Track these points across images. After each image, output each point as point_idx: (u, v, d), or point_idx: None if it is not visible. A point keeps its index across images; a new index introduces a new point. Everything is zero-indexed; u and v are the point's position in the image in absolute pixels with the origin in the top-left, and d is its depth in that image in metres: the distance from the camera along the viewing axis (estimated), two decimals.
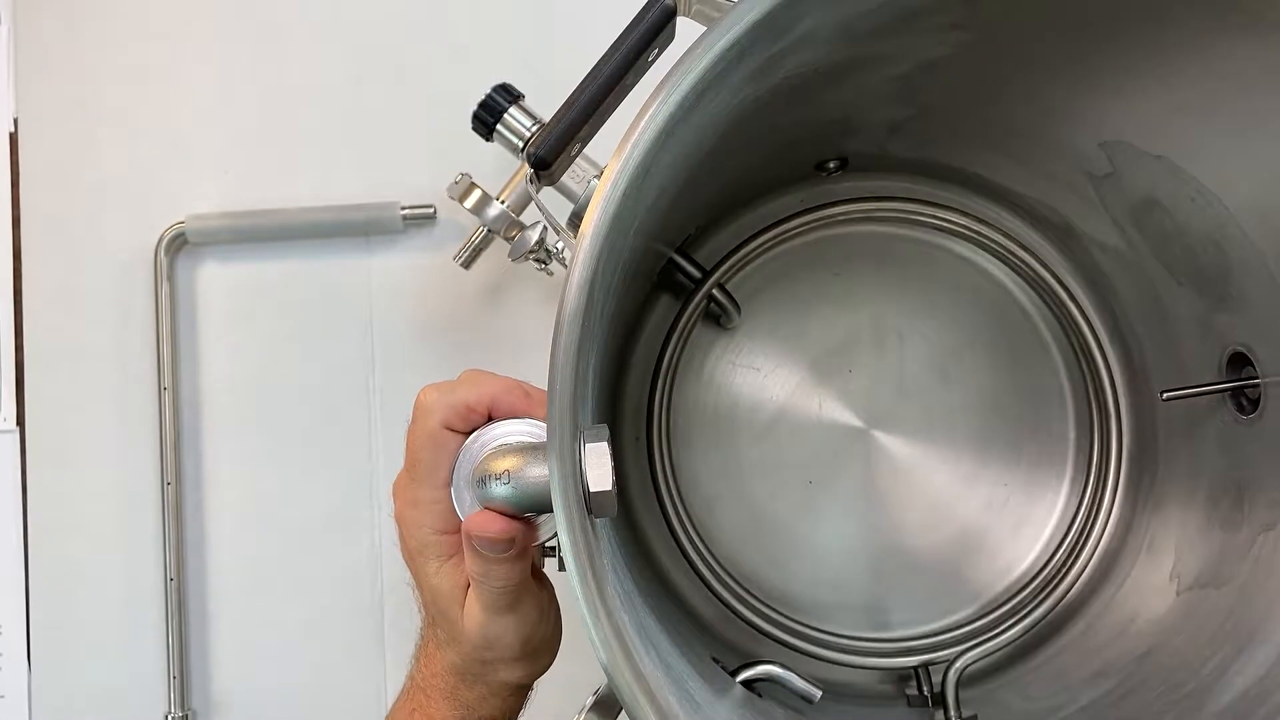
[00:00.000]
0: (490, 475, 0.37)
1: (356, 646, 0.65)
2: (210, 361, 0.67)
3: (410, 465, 0.40)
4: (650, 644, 0.41)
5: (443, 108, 0.62)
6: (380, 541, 0.66)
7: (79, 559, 0.66)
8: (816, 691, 0.50)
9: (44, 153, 0.67)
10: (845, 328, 0.60)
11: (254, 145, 0.67)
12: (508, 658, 0.41)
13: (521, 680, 0.43)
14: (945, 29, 0.44)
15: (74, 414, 0.66)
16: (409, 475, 0.40)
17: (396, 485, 0.41)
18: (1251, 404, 0.51)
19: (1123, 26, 0.43)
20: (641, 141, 0.34)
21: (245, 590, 0.66)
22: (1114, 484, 0.59)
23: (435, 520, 0.40)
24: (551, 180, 0.43)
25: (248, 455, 0.66)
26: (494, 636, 0.40)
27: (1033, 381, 0.60)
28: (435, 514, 0.40)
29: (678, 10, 0.41)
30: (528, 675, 0.43)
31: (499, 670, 0.42)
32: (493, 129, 0.54)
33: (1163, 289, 0.54)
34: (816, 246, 0.61)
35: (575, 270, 0.33)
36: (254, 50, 0.68)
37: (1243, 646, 0.46)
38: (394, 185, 0.66)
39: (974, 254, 0.61)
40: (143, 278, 0.66)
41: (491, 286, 0.66)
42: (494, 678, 0.42)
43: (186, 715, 0.64)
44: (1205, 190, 0.47)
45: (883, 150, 0.57)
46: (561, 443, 0.33)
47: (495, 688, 0.42)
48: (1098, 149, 0.51)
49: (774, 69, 0.41)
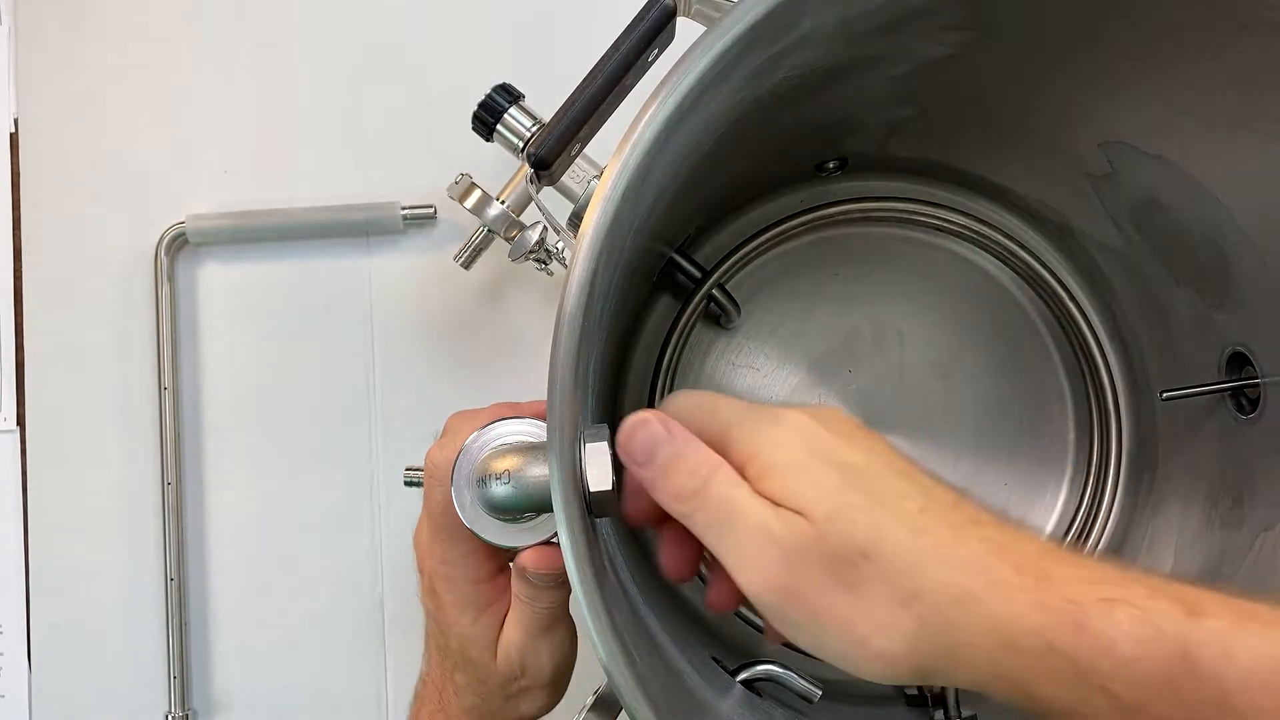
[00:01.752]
0: (490, 475, 0.37)
1: (356, 646, 0.65)
2: (210, 361, 0.67)
3: (435, 530, 0.40)
4: (650, 644, 0.41)
5: (443, 108, 0.62)
6: (380, 541, 0.66)
7: (79, 559, 0.66)
8: (817, 691, 0.50)
9: (44, 153, 0.67)
10: (845, 328, 0.60)
11: (254, 145, 0.67)
12: (539, 683, 0.42)
13: (540, 712, 0.43)
14: (945, 29, 0.44)
15: (74, 414, 0.66)
16: (433, 535, 0.41)
17: (419, 540, 0.42)
18: (1251, 404, 0.51)
19: (1122, 27, 0.43)
20: (641, 142, 0.34)
21: (245, 590, 0.66)
22: (1114, 484, 0.59)
23: (470, 572, 0.40)
24: (551, 180, 0.43)
25: (248, 455, 0.66)
26: (530, 660, 0.41)
27: (1033, 381, 0.60)
28: (469, 566, 0.40)
29: (677, 10, 0.41)
30: (548, 705, 0.43)
31: (521, 702, 0.42)
32: (493, 129, 0.54)
33: (1163, 289, 0.54)
34: (816, 246, 0.61)
35: (575, 270, 0.33)
36: (254, 50, 0.68)
37: None
38: (394, 185, 0.66)
39: (974, 254, 0.61)
40: (143, 278, 0.66)
41: (491, 286, 0.66)
42: (512, 713, 0.43)
43: (187, 715, 0.64)
44: (1205, 190, 0.47)
45: (883, 150, 0.57)
46: (561, 443, 0.33)
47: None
48: (1097, 149, 0.51)
49: (774, 69, 0.41)
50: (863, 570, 0.29)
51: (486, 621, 0.41)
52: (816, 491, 0.30)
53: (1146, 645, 0.27)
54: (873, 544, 0.29)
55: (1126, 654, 0.27)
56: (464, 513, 0.38)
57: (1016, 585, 0.28)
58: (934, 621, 0.29)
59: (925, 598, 0.29)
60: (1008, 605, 0.28)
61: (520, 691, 0.42)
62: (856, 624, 0.30)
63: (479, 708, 0.42)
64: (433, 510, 0.40)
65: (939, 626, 0.29)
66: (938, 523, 0.30)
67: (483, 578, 0.41)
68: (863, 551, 0.29)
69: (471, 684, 0.42)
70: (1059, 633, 0.28)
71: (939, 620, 0.29)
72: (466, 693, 0.42)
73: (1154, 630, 0.27)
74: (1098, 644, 0.27)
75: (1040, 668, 0.28)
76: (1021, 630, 0.28)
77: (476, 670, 0.41)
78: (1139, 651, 0.27)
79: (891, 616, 0.29)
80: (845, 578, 0.29)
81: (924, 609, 0.29)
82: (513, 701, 0.42)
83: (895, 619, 0.29)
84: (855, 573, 0.29)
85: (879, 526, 0.29)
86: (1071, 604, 0.28)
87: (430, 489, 0.40)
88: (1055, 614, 0.28)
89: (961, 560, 0.29)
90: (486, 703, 0.42)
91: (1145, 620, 0.27)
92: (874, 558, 0.29)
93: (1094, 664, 0.27)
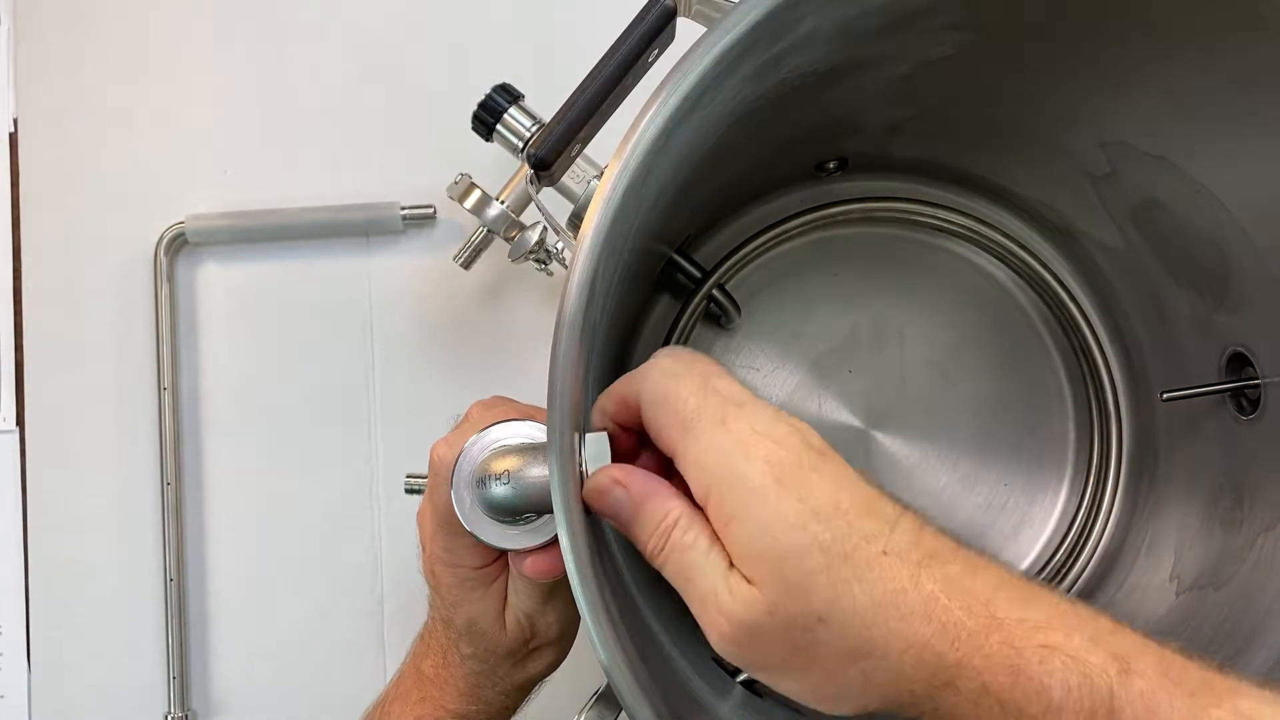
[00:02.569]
0: (490, 475, 0.37)
1: (356, 646, 0.65)
2: (210, 361, 0.67)
3: (438, 523, 0.41)
4: (651, 644, 0.41)
5: (443, 108, 0.62)
6: (380, 541, 0.66)
7: (79, 559, 0.66)
8: None
9: (44, 153, 0.67)
10: (845, 328, 0.60)
11: (254, 145, 0.67)
12: (548, 640, 0.44)
13: (547, 670, 0.45)
14: (945, 30, 0.44)
15: (74, 414, 0.66)
16: (436, 527, 0.42)
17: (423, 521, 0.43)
18: (1251, 404, 0.51)
19: (1122, 27, 0.43)
20: (642, 142, 0.33)
21: (245, 590, 0.66)
22: (1114, 484, 0.59)
23: (472, 560, 0.42)
24: (551, 181, 0.43)
25: (248, 455, 0.66)
26: (538, 620, 0.43)
27: (1033, 381, 0.60)
28: (471, 557, 0.42)
29: (678, 11, 0.41)
30: (555, 662, 0.45)
31: (529, 664, 0.44)
32: (493, 129, 0.54)
33: (1163, 289, 0.54)
34: (816, 246, 0.61)
35: (575, 270, 0.33)
36: (254, 50, 0.68)
37: (1242, 648, 0.46)
38: (394, 185, 0.66)
39: (974, 254, 0.61)
40: (143, 278, 0.66)
41: (491, 287, 0.66)
42: (519, 675, 0.44)
43: (186, 715, 0.64)
44: (1205, 190, 0.47)
45: (883, 150, 0.57)
46: (562, 443, 0.33)
47: (519, 683, 0.45)
48: (1097, 149, 0.51)
49: (774, 69, 0.41)
50: (817, 633, 0.30)
51: (492, 596, 0.42)
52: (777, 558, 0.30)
53: (1075, 694, 0.28)
54: (828, 608, 0.30)
55: (1057, 700, 0.28)
56: (463, 514, 0.38)
57: (965, 628, 0.29)
58: (881, 674, 0.30)
59: (874, 654, 0.30)
60: (954, 650, 0.29)
61: (530, 653, 0.44)
62: (808, 677, 0.31)
63: (484, 671, 0.44)
64: (437, 505, 0.41)
65: (886, 677, 0.30)
66: (898, 565, 0.30)
67: (484, 563, 0.42)
68: (819, 615, 0.30)
69: (478, 653, 0.43)
70: (996, 675, 0.29)
71: (887, 671, 0.30)
72: (471, 660, 0.44)
73: (1085, 681, 0.28)
74: (1033, 688, 0.28)
75: (973, 707, 0.29)
76: (963, 673, 0.29)
77: (485, 640, 0.43)
78: (1068, 701, 0.28)
79: (842, 674, 0.30)
80: (797, 642, 0.30)
81: (871, 664, 0.30)
82: (520, 665, 0.44)
83: (845, 675, 0.30)
84: (808, 636, 0.30)
85: (837, 589, 0.30)
86: (1011, 649, 0.29)
87: (435, 486, 0.41)
88: (994, 659, 0.29)
89: (913, 607, 0.30)
90: (494, 669, 0.44)
91: (1078, 671, 0.28)
92: (829, 620, 0.30)
93: (1024, 707, 0.29)
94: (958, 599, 0.30)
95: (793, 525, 0.30)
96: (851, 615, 0.30)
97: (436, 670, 0.44)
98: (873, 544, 0.30)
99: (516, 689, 0.45)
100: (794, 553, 0.30)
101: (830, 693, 0.31)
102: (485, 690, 0.44)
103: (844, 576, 0.30)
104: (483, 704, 0.44)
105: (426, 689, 0.45)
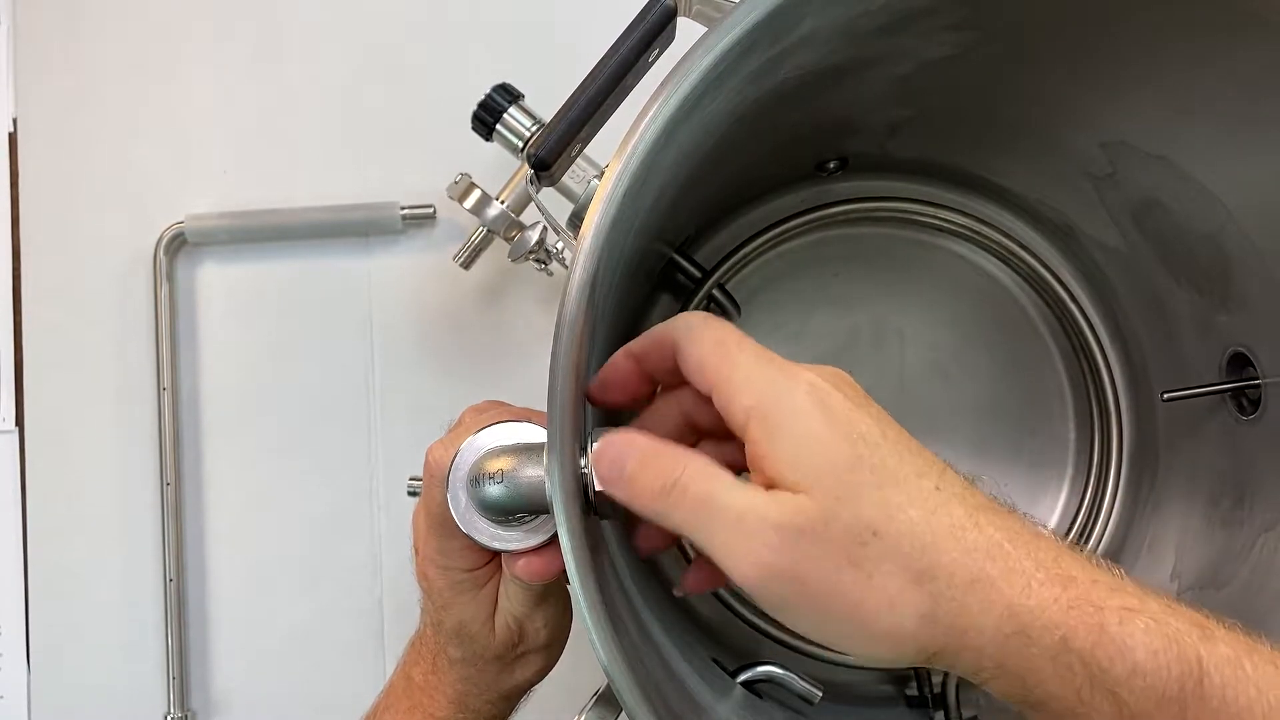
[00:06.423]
0: (485, 475, 0.37)
1: (356, 646, 0.65)
2: (210, 361, 0.67)
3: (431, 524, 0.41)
4: (650, 644, 0.41)
5: (443, 108, 0.62)
6: (380, 541, 0.66)
7: (79, 559, 0.66)
8: (817, 692, 0.50)
9: (44, 153, 0.67)
10: (845, 328, 0.60)
11: (254, 145, 0.67)
12: (536, 647, 0.43)
13: (536, 678, 0.44)
14: (946, 30, 0.44)
15: (74, 414, 0.66)
16: (429, 528, 0.41)
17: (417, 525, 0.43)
18: (1252, 404, 0.51)
19: (1123, 27, 0.43)
20: (642, 142, 0.33)
21: (245, 590, 0.66)
22: (1114, 484, 0.59)
23: (464, 563, 0.41)
24: (552, 181, 0.43)
25: (248, 455, 0.66)
26: (527, 626, 0.42)
27: (1033, 381, 0.60)
28: (464, 559, 0.41)
29: (678, 11, 0.41)
30: (544, 669, 0.45)
31: (517, 670, 0.43)
32: (493, 129, 0.54)
33: (1163, 289, 0.54)
34: (816, 246, 0.61)
35: (575, 270, 0.33)
36: (254, 50, 0.68)
37: None
38: (394, 185, 0.66)
39: (974, 254, 0.61)
40: (143, 278, 0.66)
41: (491, 287, 0.66)
42: (507, 682, 0.44)
43: (186, 715, 0.64)
44: (1205, 190, 0.47)
45: (883, 150, 0.57)
46: (562, 444, 0.33)
47: (506, 691, 0.44)
48: (1098, 149, 0.51)
49: (775, 69, 0.41)
50: (872, 548, 0.28)
51: (483, 599, 0.42)
52: (826, 466, 0.28)
53: (1163, 658, 0.27)
54: (884, 521, 0.28)
55: (1142, 663, 0.27)
56: (458, 515, 0.38)
57: (1036, 578, 0.28)
58: (947, 602, 0.28)
59: (940, 577, 0.28)
60: (1026, 596, 0.28)
61: (518, 658, 0.43)
62: (864, 602, 0.28)
63: (473, 677, 0.43)
64: (430, 508, 0.41)
65: (952, 608, 0.28)
66: (952, 503, 0.29)
67: (477, 565, 0.42)
68: (873, 529, 0.28)
69: (467, 657, 0.43)
70: (1078, 631, 0.27)
71: (952, 601, 0.28)
72: (460, 665, 0.43)
73: (1171, 645, 0.27)
74: (1115, 649, 0.27)
75: (1050, 663, 0.28)
76: (1039, 623, 0.28)
77: (474, 644, 0.42)
78: (1155, 663, 0.27)
79: (902, 594, 0.28)
80: (853, 555, 0.28)
81: (937, 588, 0.28)
82: (508, 671, 0.43)
83: (906, 596, 0.28)
84: (864, 550, 0.28)
85: (892, 503, 0.28)
86: (1093, 607, 0.28)
87: (429, 488, 0.41)
88: (1076, 613, 0.27)
89: (977, 544, 0.28)
90: (481, 674, 0.43)
91: (1163, 634, 0.27)
92: (885, 535, 0.28)
93: (1108, 668, 0.27)
94: (1023, 549, 0.28)
95: (842, 439, 0.29)
96: (910, 537, 0.28)
97: (425, 677, 0.44)
98: (924, 479, 0.29)
99: (503, 698, 0.44)
100: (844, 463, 0.29)
101: (884, 626, 0.28)
102: (473, 699, 0.44)
103: (896, 500, 0.28)
104: (470, 713, 0.44)
105: (416, 697, 0.44)
